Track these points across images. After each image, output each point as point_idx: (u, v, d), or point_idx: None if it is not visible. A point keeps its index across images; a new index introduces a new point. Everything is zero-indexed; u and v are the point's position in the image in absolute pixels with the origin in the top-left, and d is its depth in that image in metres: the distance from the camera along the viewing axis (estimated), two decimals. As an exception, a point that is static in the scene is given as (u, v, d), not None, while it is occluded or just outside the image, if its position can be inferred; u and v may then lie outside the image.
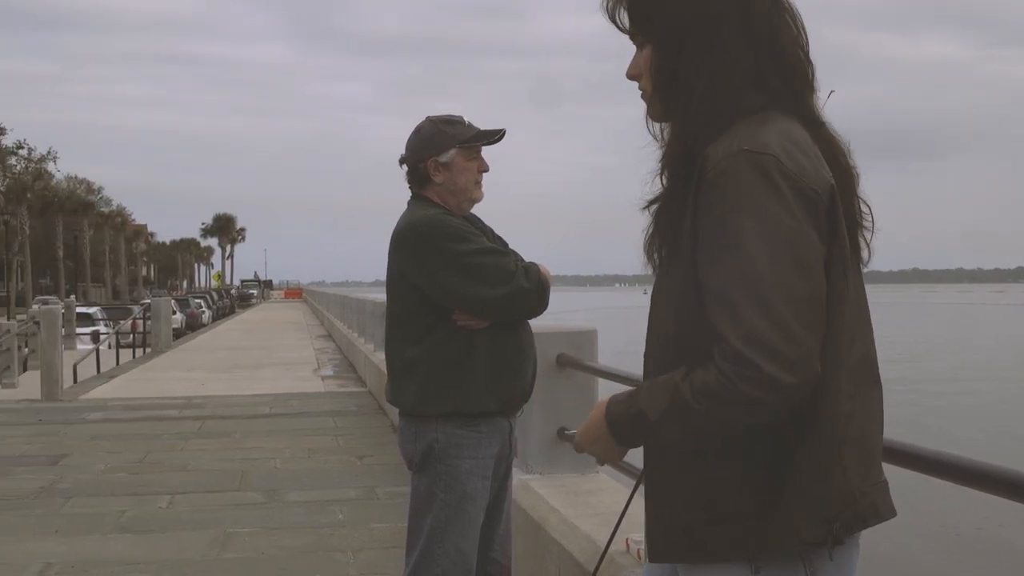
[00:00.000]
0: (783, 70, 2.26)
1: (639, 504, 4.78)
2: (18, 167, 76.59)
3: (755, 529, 2.20)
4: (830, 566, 2.22)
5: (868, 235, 2.37)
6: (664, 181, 2.34)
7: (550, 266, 4.51)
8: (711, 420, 2.14)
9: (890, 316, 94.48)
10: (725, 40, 2.22)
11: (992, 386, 38.82)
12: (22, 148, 75.70)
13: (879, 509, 2.28)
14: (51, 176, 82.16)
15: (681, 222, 2.23)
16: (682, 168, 2.26)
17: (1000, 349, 61.31)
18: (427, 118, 4.53)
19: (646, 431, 2.30)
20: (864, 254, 2.36)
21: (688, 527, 2.31)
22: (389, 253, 4.48)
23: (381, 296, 21.64)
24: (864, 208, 2.35)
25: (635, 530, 4.88)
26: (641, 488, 4.67)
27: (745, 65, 2.23)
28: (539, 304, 4.37)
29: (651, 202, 2.37)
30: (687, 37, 2.26)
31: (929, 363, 48.26)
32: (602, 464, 2.59)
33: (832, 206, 2.16)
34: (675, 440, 2.26)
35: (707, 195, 2.15)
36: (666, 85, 2.30)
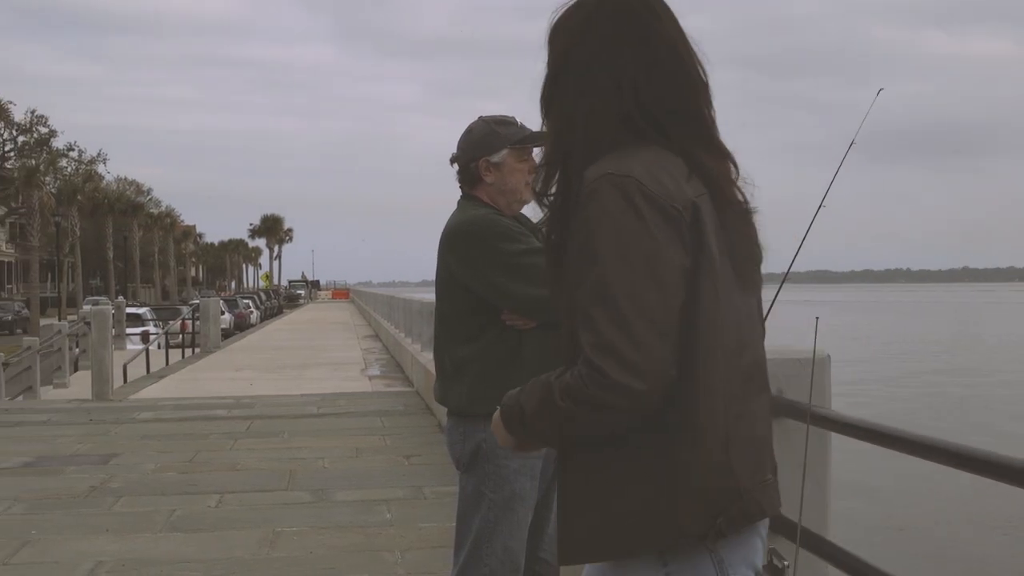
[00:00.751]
0: (649, 113, 2.44)
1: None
2: (69, 169, 77.18)
3: (655, 525, 2.34)
4: (736, 555, 2.39)
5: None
6: (546, 202, 2.60)
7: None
8: (571, 419, 2.32)
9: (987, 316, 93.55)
10: (595, 84, 2.47)
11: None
12: (73, 150, 76.30)
13: (763, 507, 2.45)
14: (101, 178, 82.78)
15: (564, 239, 2.47)
16: (555, 186, 2.57)
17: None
18: (480, 118, 4.52)
19: (524, 425, 2.45)
20: (756, 276, 2.55)
21: (592, 527, 2.41)
22: (439, 253, 4.48)
23: (428, 296, 21.58)
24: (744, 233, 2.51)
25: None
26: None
27: (612, 108, 2.45)
28: None
29: (542, 221, 2.64)
30: (562, 74, 2.54)
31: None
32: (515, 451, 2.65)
33: (695, 222, 2.33)
34: (548, 436, 2.45)
35: (577, 215, 2.38)
36: (544, 110, 2.61)
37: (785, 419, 4.27)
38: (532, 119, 4.51)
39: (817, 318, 3.86)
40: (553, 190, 2.59)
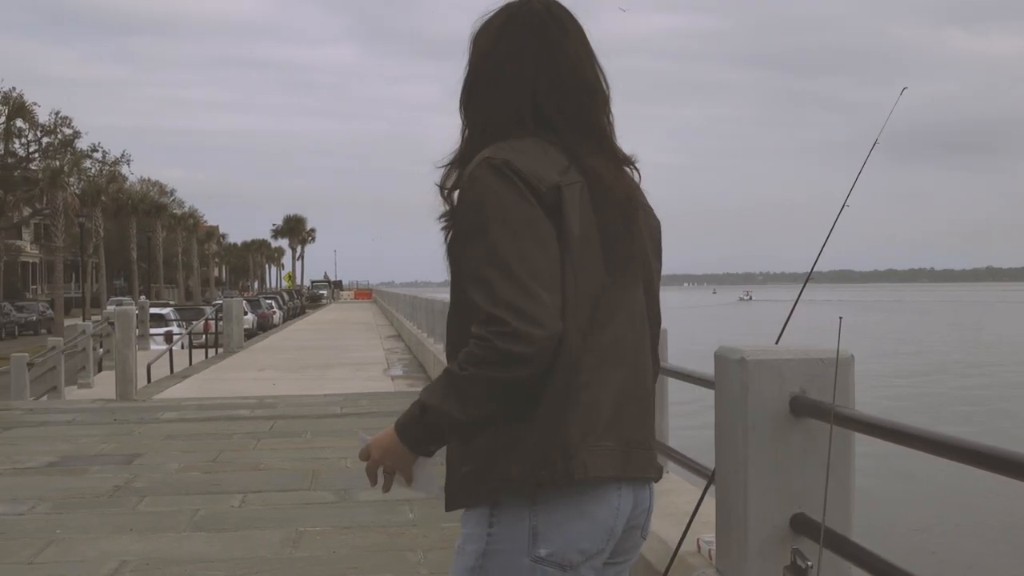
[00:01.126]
0: (544, 116, 2.71)
1: (710, 504, 4.78)
2: (93, 170, 77.44)
3: (491, 477, 2.64)
4: (555, 533, 2.59)
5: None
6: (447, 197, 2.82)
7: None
8: (478, 383, 2.51)
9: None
10: (502, 88, 2.75)
11: None
12: (96, 151, 76.54)
13: (588, 468, 2.58)
14: (125, 179, 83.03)
15: None
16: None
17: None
18: None
19: (432, 420, 2.61)
20: (638, 269, 2.77)
21: (452, 479, 2.77)
22: None
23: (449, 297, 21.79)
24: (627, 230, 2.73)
25: (706, 530, 4.87)
26: (712, 488, 4.65)
27: (512, 109, 2.72)
28: None
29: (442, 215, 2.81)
30: (478, 77, 2.82)
31: None
32: (388, 486, 2.84)
33: (556, 203, 2.57)
34: (458, 419, 2.57)
35: (460, 199, 2.66)
36: (462, 109, 2.85)
37: (808, 419, 4.26)
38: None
39: (840, 318, 3.84)
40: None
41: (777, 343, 4.66)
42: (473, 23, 2.85)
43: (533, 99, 2.73)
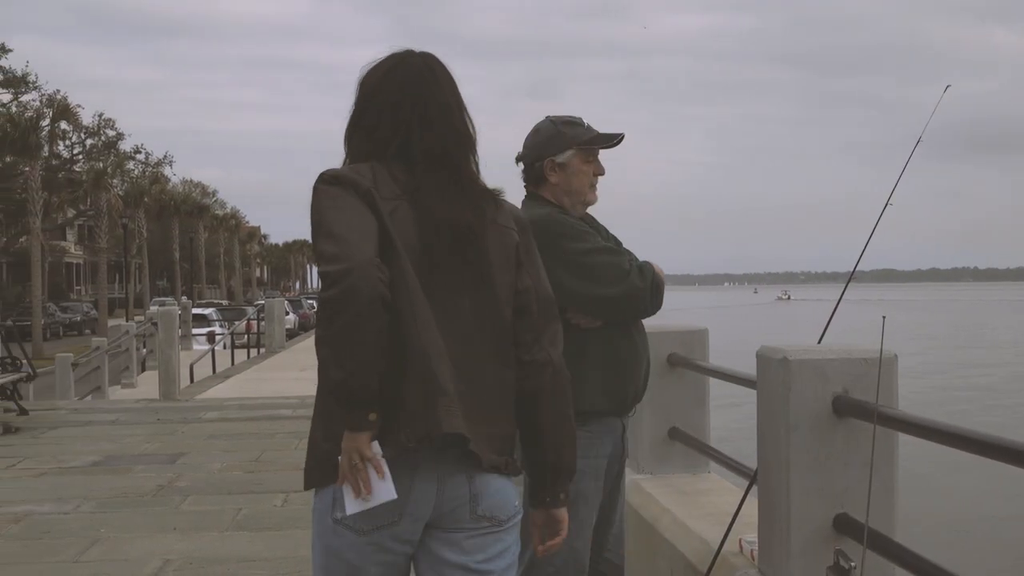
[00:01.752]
0: (406, 151, 3.13)
1: (752, 504, 4.76)
2: (136, 172, 77.95)
3: (312, 459, 3.12)
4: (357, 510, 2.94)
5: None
6: None
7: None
8: (328, 333, 2.79)
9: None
10: (380, 127, 3.16)
11: None
12: (139, 153, 77.05)
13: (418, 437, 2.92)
14: (167, 180, 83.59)
15: None
16: None
17: None
18: (547, 117, 4.51)
19: (338, 394, 2.89)
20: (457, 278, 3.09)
21: (311, 455, 3.16)
22: None
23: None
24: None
25: (748, 531, 4.85)
26: (755, 488, 4.63)
27: (382, 144, 3.14)
28: (653, 303, 4.32)
29: None
30: (361, 116, 3.24)
31: None
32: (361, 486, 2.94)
33: (374, 204, 2.97)
34: (346, 379, 2.81)
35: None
36: (346, 143, 3.28)
37: (851, 419, 4.24)
38: (594, 120, 4.50)
39: (884, 318, 3.83)
40: None
41: (819, 343, 4.64)
42: (361, 67, 3.27)
43: (407, 137, 3.13)
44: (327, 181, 3.02)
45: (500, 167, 4.57)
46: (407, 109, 3.16)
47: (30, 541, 8.23)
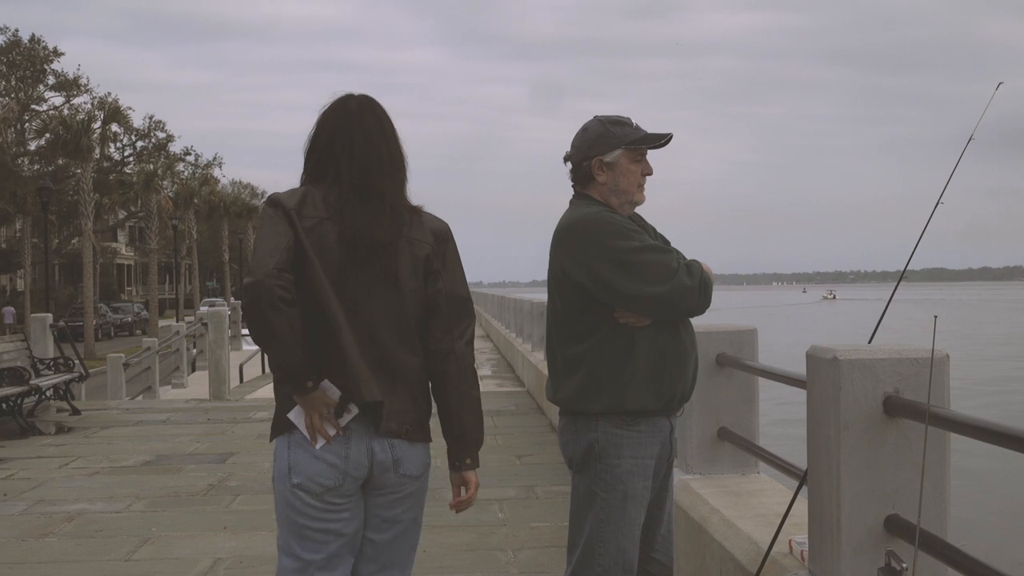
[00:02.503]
0: (337, 176, 3.89)
1: (802, 505, 4.73)
2: (186, 173, 78.44)
3: (276, 420, 3.95)
4: (299, 453, 3.83)
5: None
6: None
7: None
8: (252, 332, 3.65)
9: None
10: (320, 156, 3.96)
11: None
12: (189, 154, 77.60)
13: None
14: (217, 181, 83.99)
15: None
16: None
17: None
18: (595, 117, 4.50)
19: (275, 373, 3.80)
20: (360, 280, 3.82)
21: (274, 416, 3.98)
22: (551, 250, 4.47)
23: (538, 296, 21.46)
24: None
25: (798, 531, 4.82)
26: (804, 489, 4.60)
27: (322, 169, 3.94)
28: (701, 302, 4.30)
29: None
30: (311, 147, 4.03)
31: None
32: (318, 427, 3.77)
33: (291, 221, 3.72)
34: (275, 362, 3.70)
35: None
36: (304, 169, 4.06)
37: (902, 419, 4.21)
38: (642, 120, 4.48)
39: (936, 317, 3.79)
40: None
41: (870, 342, 4.60)
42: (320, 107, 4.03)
43: (337, 167, 3.88)
44: (268, 203, 3.83)
45: (550, 167, 4.58)
46: (338, 144, 3.92)
47: (83, 540, 8.31)
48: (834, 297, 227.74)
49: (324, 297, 3.70)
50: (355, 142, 3.89)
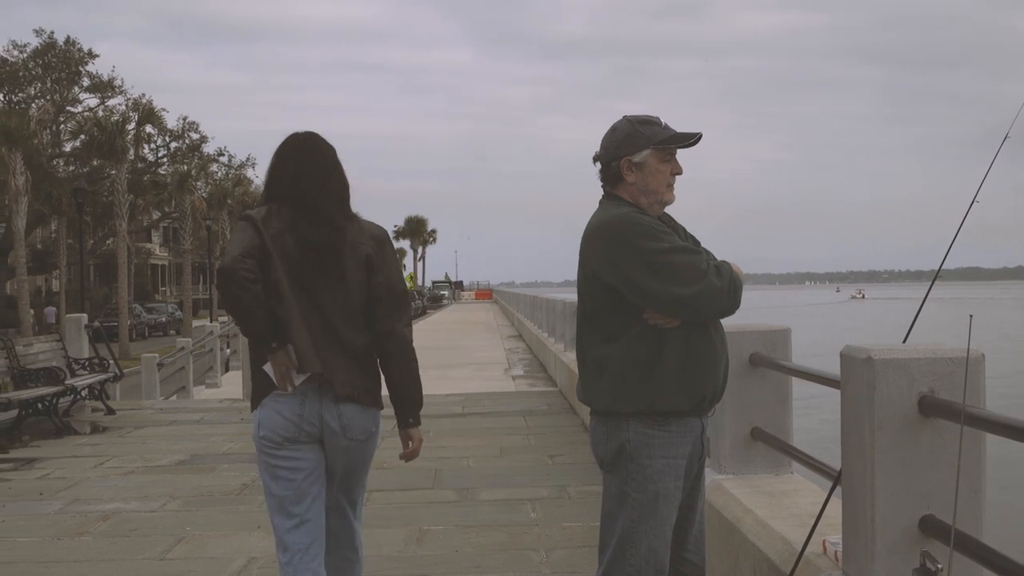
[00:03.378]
0: (285, 196, 4.87)
1: (836, 505, 4.71)
2: (219, 174, 78.69)
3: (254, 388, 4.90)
4: (266, 410, 4.87)
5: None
6: None
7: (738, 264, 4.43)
8: (226, 307, 4.69)
9: None
10: (273, 183, 4.94)
11: None
12: (223, 155, 77.81)
13: (275, 388, 4.80)
14: (250, 182, 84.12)
15: None
16: None
17: None
18: (624, 117, 4.48)
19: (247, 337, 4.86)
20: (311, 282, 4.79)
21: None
22: (581, 251, 4.46)
23: (570, 296, 21.49)
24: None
25: (832, 532, 4.80)
26: (838, 489, 4.59)
27: (275, 192, 4.92)
28: (731, 303, 4.28)
29: None
30: (267, 175, 5.03)
31: None
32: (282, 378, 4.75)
33: (257, 231, 4.67)
34: (242, 330, 4.77)
35: None
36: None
37: (937, 419, 4.19)
38: (672, 119, 4.47)
39: (971, 316, 3.76)
40: None
41: (904, 342, 4.58)
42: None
43: (283, 188, 4.88)
44: (241, 217, 4.84)
45: (580, 167, 4.57)
46: (288, 171, 4.91)
47: (117, 539, 8.35)
48: (863, 296, 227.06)
49: (282, 289, 4.67)
50: (300, 172, 4.89)
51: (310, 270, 4.73)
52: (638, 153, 4.37)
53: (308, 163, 4.90)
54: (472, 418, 15.52)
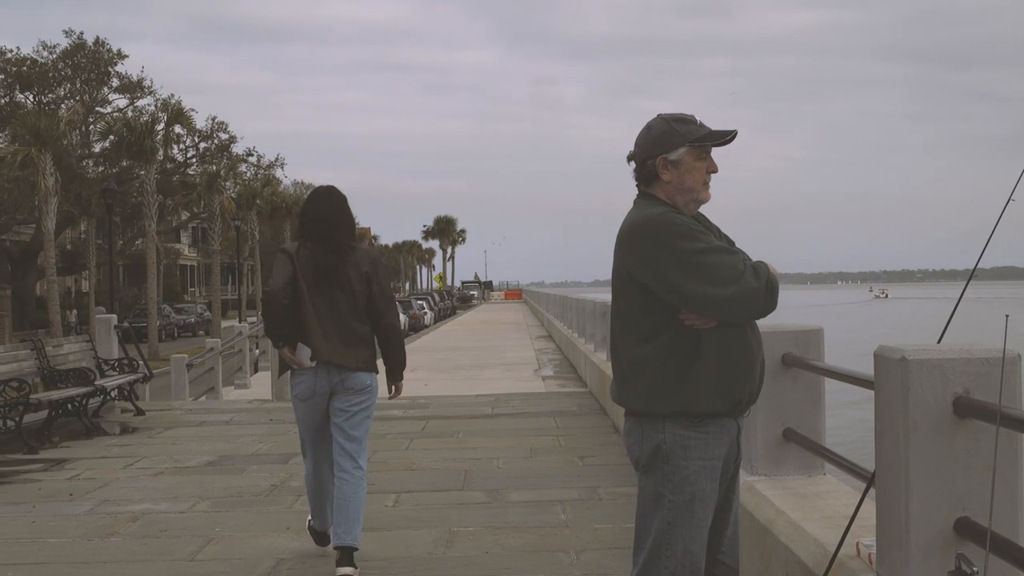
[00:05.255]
0: (307, 233, 7.24)
1: (869, 507, 4.67)
2: (248, 174, 78.81)
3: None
4: (294, 378, 7.33)
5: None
6: None
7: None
8: (264, 316, 7.38)
9: None
10: (302, 224, 7.36)
11: None
12: (251, 156, 77.92)
13: (303, 361, 7.23)
14: (279, 182, 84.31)
15: None
16: None
17: None
18: (658, 115, 4.46)
19: (268, 335, 7.30)
20: (329, 292, 7.20)
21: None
22: (615, 251, 4.43)
23: (600, 296, 21.37)
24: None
25: (866, 534, 4.76)
26: (872, 491, 4.54)
27: (302, 231, 7.31)
28: (768, 303, 4.24)
29: None
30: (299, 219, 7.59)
31: None
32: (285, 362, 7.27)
33: (292, 260, 7.09)
34: (267, 333, 7.48)
35: None
36: None
37: (973, 420, 4.14)
38: (702, 117, 4.44)
39: (1007, 316, 3.72)
40: None
41: (939, 342, 4.53)
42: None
43: (306, 227, 7.20)
44: (280, 251, 7.23)
45: (610, 166, 4.52)
46: (309, 216, 7.29)
47: (147, 539, 8.37)
48: (887, 296, 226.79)
49: (303, 298, 7.11)
50: (320, 215, 7.27)
51: (327, 283, 7.16)
52: (674, 151, 4.34)
53: (327, 209, 7.31)
54: (502, 419, 15.50)
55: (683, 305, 4.20)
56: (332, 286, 7.10)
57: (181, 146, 70.10)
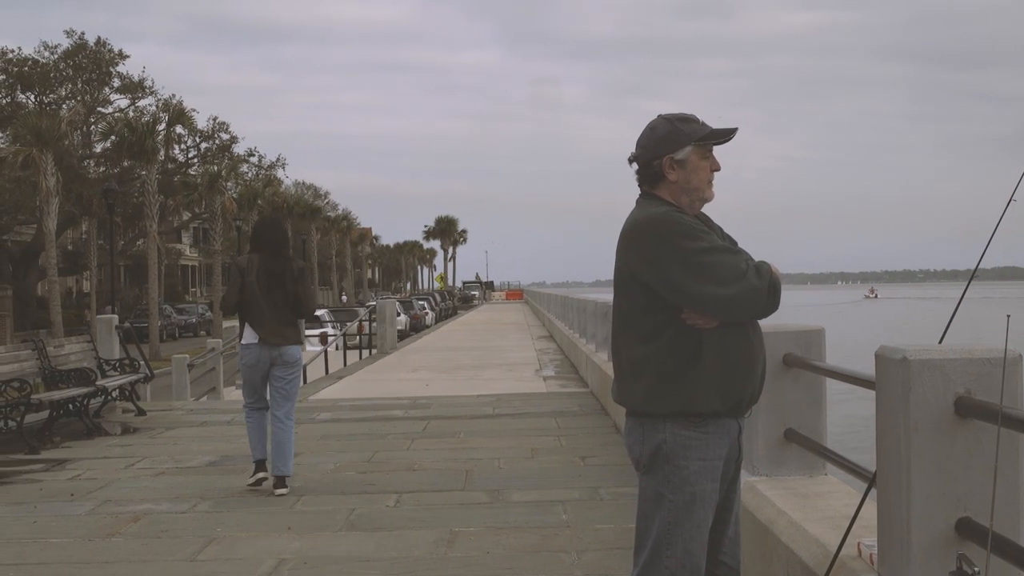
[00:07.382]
0: (262, 247, 10.51)
1: (871, 507, 4.67)
2: (249, 174, 78.68)
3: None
4: (244, 351, 10.77)
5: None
6: None
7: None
8: (223, 306, 11.20)
9: None
10: (251, 239, 11.10)
11: None
12: (253, 156, 77.79)
13: (249, 339, 10.60)
14: (280, 183, 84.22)
15: None
16: None
17: None
18: (660, 116, 4.46)
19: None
20: (276, 295, 10.51)
21: None
22: (618, 251, 4.43)
23: (602, 297, 21.33)
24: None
25: (867, 534, 4.76)
26: (874, 491, 4.54)
27: (252, 245, 10.80)
28: (770, 303, 4.24)
29: None
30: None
31: None
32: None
33: (242, 270, 10.37)
34: (223, 310, 11.47)
35: None
36: None
37: (974, 420, 4.14)
38: (704, 117, 4.45)
39: (1008, 316, 3.72)
40: None
41: (940, 342, 4.53)
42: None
43: (263, 244, 10.41)
44: (234, 265, 10.51)
45: (611, 166, 4.53)
46: (266, 236, 10.42)
47: (148, 540, 8.37)
48: (876, 296, 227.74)
49: (254, 295, 10.06)
50: (272, 233, 10.39)
51: (273, 283, 10.21)
52: (680, 150, 4.34)
53: (279, 232, 10.60)
54: (503, 419, 15.50)
55: (685, 304, 4.19)
56: (277, 286, 10.24)
57: (182, 146, 70.07)
